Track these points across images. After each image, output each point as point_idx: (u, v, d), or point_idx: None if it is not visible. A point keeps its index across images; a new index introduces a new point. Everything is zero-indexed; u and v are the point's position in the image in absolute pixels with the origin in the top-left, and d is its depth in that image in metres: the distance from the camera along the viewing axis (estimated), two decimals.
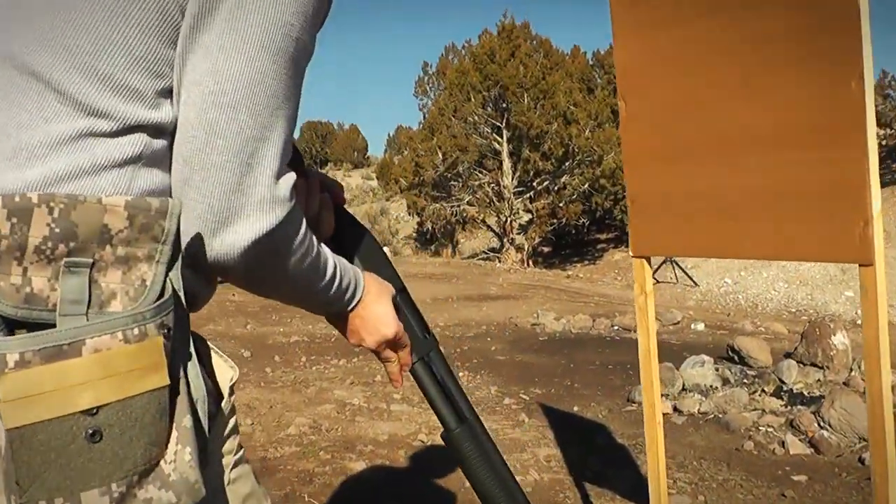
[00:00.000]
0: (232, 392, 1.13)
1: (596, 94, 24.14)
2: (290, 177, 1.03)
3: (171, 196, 0.99)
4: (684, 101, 2.32)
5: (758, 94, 2.12)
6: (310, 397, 5.91)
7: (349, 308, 1.23)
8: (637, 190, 2.52)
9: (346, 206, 1.39)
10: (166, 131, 1.00)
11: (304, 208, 1.33)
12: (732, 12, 2.16)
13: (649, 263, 2.57)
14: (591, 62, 26.74)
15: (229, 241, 0.98)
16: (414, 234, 29.95)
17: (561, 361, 7.37)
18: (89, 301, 0.87)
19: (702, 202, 2.31)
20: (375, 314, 1.24)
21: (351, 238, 1.35)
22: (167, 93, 1.00)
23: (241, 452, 1.16)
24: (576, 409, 5.70)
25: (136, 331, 0.86)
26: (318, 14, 1.06)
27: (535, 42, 25.50)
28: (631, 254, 2.59)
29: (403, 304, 1.32)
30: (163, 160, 1.00)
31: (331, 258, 1.15)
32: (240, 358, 7.09)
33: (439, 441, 1.39)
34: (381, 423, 5.26)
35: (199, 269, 1.02)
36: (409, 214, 28.34)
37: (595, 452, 4.66)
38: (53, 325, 0.85)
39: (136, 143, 0.97)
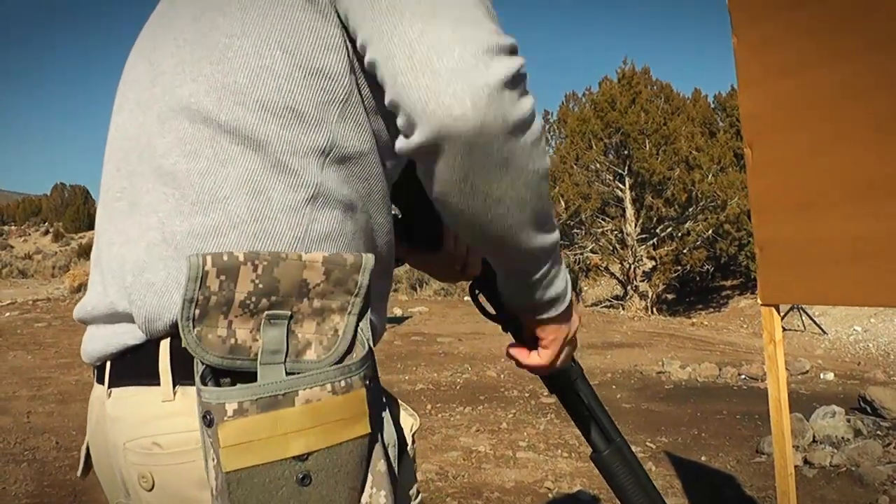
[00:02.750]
0: (414, 440, 1.17)
1: (718, 137, 23.78)
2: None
3: (343, 235, 1.03)
4: (813, 148, 2.32)
5: (887, 139, 2.10)
6: (436, 444, 5.98)
7: (558, 299, 1.17)
8: (766, 237, 2.52)
9: None
10: (339, 155, 1.02)
11: (454, 250, 1.39)
12: (861, 57, 2.15)
13: (778, 311, 2.55)
14: (712, 105, 26.37)
15: (475, 78, 0.87)
16: None
17: (688, 410, 7.23)
18: (287, 350, 0.93)
19: (833, 249, 2.29)
20: (575, 322, 1.24)
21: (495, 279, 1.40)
22: (331, 108, 1.01)
23: (419, 497, 1.20)
24: (703, 459, 5.60)
25: (342, 383, 0.92)
26: None
27: (655, 87, 25.33)
28: (759, 301, 2.57)
29: None
30: (338, 196, 1.02)
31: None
32: None
33: (566, 488, 1.42)
34: (507, 471, 5.28)
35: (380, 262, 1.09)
36: None
37: None
38: (254, 373, 0.91)
39: (309, 179, 1.00)
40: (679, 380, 9.10)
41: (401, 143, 0.93)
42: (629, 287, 24.26)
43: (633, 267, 24.14)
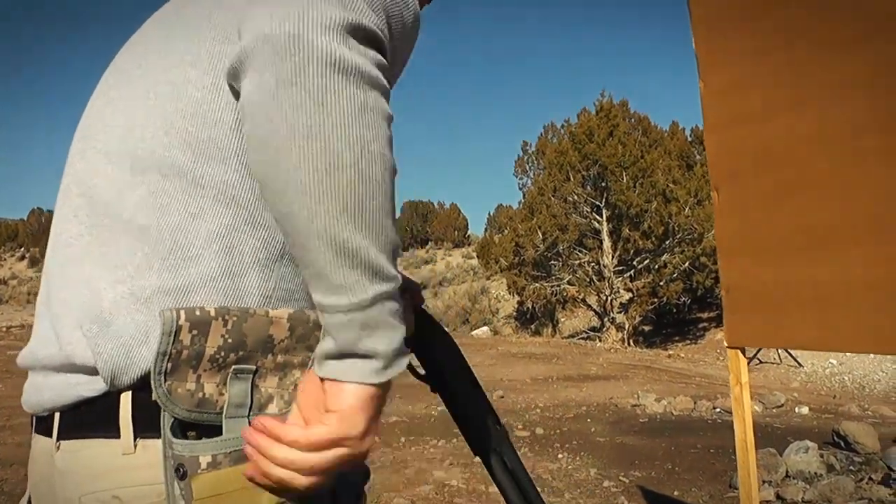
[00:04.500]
0: (366, 493, 1.18)
1: (695, 170, 23.93)
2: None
3: (305, 292, 0.99)
4: (778, 193, 2.36)
5: (850, 186, 2.14)
6: (409, 478, 5.96)
7: (350, 355, 0.91)
8: (731, 280, 2.55)
9: (425, 306, 1.42)
10: None
11: None
12: (823, 105, 2.20)
13: (744, 354, 2.58)
14: (689, 138, 26.57)
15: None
16: (514, 314, 29.86)
17: (662, 444, 7.25)
18: (251, 404, 0.96)
19: (798, 293, 2.32)
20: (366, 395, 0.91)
21: (430, 338, 1.37)
22: None
23: None
24: (676, 493, 5.61)
25: None
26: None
27: (633, 120, 25.52)
28: (726, 344, 2.60)
29: (476, 396, 1.34)
30: None
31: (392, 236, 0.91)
32: None
33: None
34: None
35: None
36: (510, 294, 28.30)
37: None
38: (219, 427, 0.94)
39: (278, 236, 1.01)
40: (654, 413, 9.12)
41: (227, 59, 0.93)
42: (606, 319, 24.30)
43: (609, 299, 24.20)
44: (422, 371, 1.34)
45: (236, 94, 0.96)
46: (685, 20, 2.58)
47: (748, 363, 2.52)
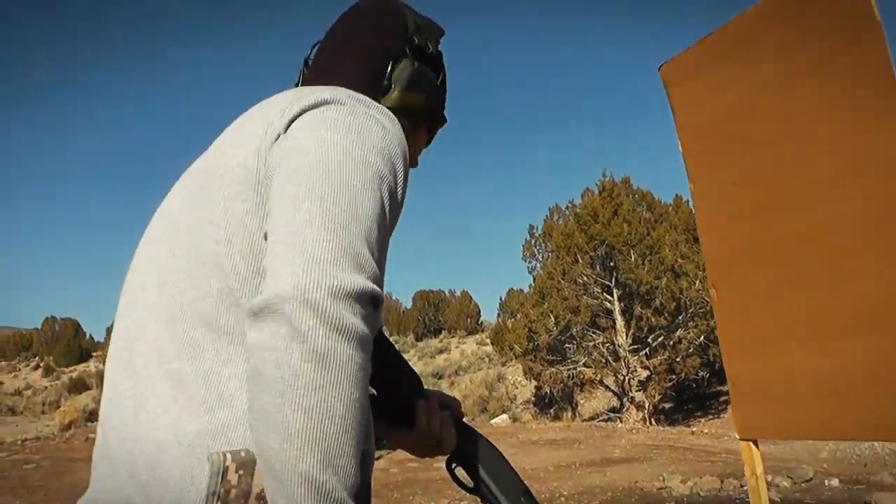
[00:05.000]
0: None
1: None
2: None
3: None
4: (774, 288, 2.42)
5: (842, 279, 2.20)
6: None
7: None
8: (736, 373, 2.60)
9: (465, 415, 1.50)
10: None
11: (427, 427, 1.45)
12: (809, 204, 2.28)
13: (756, 445, 2.60)
14: (694, 211, 26.68)
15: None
16: (532, 399, 29.61)
17: None
18: None
19: (801, 384, 2.36)
20: None
21: (472, 450, 1.42)
22: None
23: None
24: None
25: None
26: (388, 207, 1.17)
27: (636, 196, 25.71)
28: (737, 437, 2.63)
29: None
30: None
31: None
32: None
33: None
34: None
35: None
36: (527, 379, 28.14)
37: None
38: None
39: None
40: (681, 495, 9.01)
41: (251, 300, 1.04)
42: (625, 399, 24.08)
43: (627, 378, 24.02)
44: (469, 483, 1.40)
45: (247, 245, 1.12)
46: None
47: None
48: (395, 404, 1.43)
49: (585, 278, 24.21)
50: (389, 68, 1.48)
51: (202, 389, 1.09)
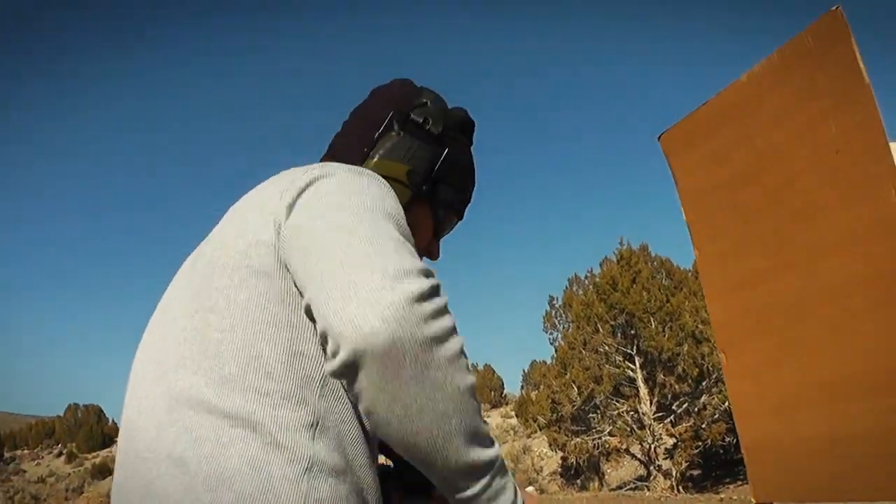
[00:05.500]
0: None
1: None
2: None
3: (338, 499, 1.14)
4: (782, 352, 2.44)
5: (846, 342, 2.23)
6: None
7: None
8: (749, 439, 2.61)
9: None
10: (325, 427, 1.15)
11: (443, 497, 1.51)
12: (806, 267, 2.33)
13: None
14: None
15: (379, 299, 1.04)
16: (559, 469, 29.18)
17: None
18: None
19: (813, 448, 2.36)
20: None
21: None
22: (312, 385, 1.17)
23: None
24: None
25: None
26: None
27: (654, 263, 25.61)
28: (754, 502, 2.64)
29: None
30: (329, 464, 1.14)
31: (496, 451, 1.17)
32: None
33: None
34: None
35: None
36: (552, 450, 27.77)
37: None
38: None
39: (302, 453, 1.12)
40: None
41: (329, 365, 1.08)
42: (652, 467, 23.70)
43: (653, 446, 23.68)
44: None
45: (252, 334, 1.16)
46: None
47: None
48: (413, 474, 1.48)
49: (607, 347, 24.02)
50: (376, 136, 1.53)
51: (204, 472, 1.11)
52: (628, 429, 23.86)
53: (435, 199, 1.62)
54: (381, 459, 1.37)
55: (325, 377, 1.17)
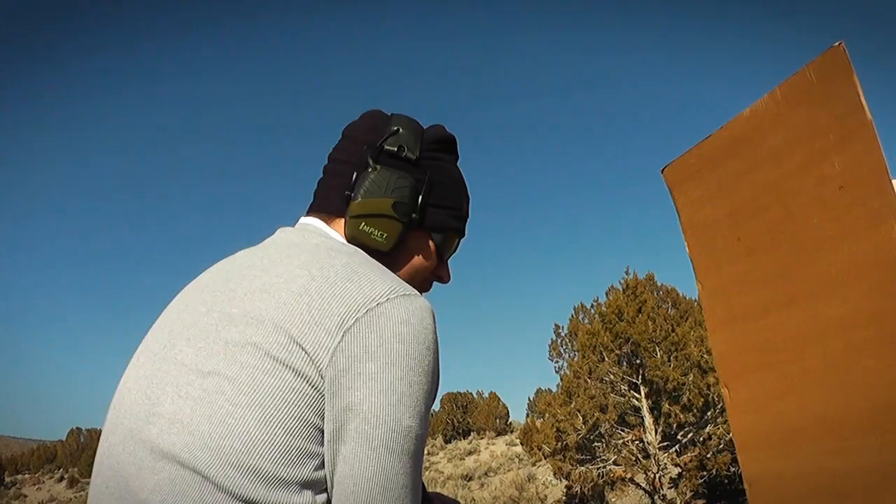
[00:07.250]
0: None
1: None
2: None
3: None
4: (784, 387, 2.42)
5: (848, 378, 2.22)
6: None
7: None
8: (752, 474, 2.59)
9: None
10: None
11: None
12: (807, 302, 2.31)
13: None
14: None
15: None
16: (563, 498, 29.01)
17: None
18: None
19: (816, 484, 2.34)
20: None
21: None
22: (309, 482, 1.16)
23: None
24: None
25: None
26: (429, 404, 1.24)
27: (660, 293, 25.61)
28: None
29: None
30: None
31: None
32: None
33: None
34: None
35: None
36: (557, 478, 27.64)
37: None
38: None
39: None
40: None
41: None
42: (656, 496, 23.57)
43: (658, 476, 23.56)
44: None
45: (263, 409, 1.16)
46: None
47: None
48: None
49: (612, 376, 23.98)
50: (353, 178, 1.50)
51: None
52: (633, 458, 23.76)
53: (429, 223, 1.58)
54: None
55: (323, 477, 1.20)
